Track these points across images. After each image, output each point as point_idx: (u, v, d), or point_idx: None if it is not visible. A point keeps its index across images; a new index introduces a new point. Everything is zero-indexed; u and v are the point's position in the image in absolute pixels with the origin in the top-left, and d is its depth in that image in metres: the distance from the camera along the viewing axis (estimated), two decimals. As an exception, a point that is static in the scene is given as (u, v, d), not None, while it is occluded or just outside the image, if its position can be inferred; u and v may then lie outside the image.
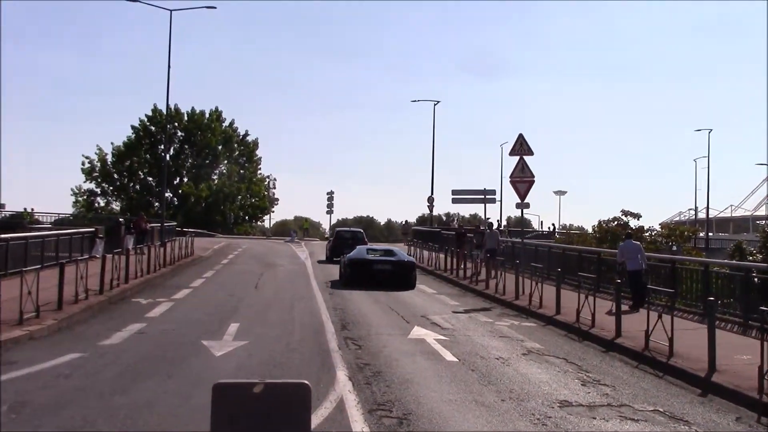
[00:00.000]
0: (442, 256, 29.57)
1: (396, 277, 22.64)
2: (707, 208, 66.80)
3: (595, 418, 7.81)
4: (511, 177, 22.19)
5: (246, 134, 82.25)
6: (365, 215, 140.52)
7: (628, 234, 19.59)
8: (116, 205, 76.59)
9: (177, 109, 76.63)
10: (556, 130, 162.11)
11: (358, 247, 25.75)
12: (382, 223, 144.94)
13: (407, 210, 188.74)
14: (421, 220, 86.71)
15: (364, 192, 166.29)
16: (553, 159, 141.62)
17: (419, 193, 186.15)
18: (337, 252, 29.60)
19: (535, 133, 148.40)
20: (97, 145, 76.09)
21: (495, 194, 39.85)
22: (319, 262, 33.31)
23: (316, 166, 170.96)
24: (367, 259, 23.18)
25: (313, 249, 41.91)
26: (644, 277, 18.13)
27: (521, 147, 22.16)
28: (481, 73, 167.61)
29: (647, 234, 37.27)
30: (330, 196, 60.96)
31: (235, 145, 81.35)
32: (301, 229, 70.35)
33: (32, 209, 51.23)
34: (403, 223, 66.66)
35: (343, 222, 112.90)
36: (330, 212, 60.87)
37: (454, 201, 40.66)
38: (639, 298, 17.38)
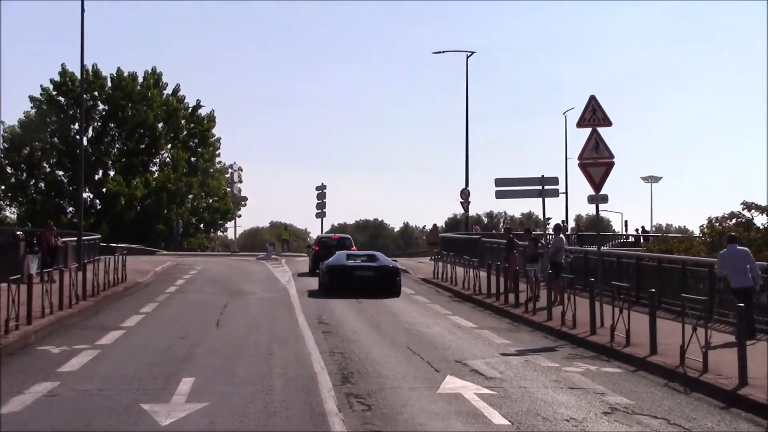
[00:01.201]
0: (483, 274, 29.55)
1: (378, 283, 28.88)
2: None
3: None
4: (580, 158, 22.00)
5: (198, 105, 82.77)
6: (372, 219, 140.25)
7: (732, 237, 19.49)
8: (11, 212, 76.99)
9: (97, 72, 76.96)
10: (643, 91, 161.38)
11: (337, 252, 31.95)
12: (396, 229, 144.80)
13: (432, 210, 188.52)
14: (453, 223, 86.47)
15: (370, 187, 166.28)
16: (640, 132, 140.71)
17: (449, 187, 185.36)
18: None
19: (613, 95, 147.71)
20: (-18, 126, 76.45)
21: (557, 183, 39.56)
22: (300, 275, 35.49)
23: (301, 153, 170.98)
24: (347, 265, 29.44)
25: (297, 268, 42.11)
26: (755, 297, 18.06)
27: (594, 115, 22.00)
28: (530, 11, 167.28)
29: (781, 236, 37.01)
30: (321, 192, 61.03)
31: (183, 122, 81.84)
32: (279, 240, 70.47)
33: None
34: (427, 228, 66.50)
35: (341, 228, 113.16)
36: (321, 215, 60.90)
37: (500, 195, 40.57)
38: (749, 325, 17.30)
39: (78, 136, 65.95)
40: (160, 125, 79.75)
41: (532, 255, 26.86)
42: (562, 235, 26.07)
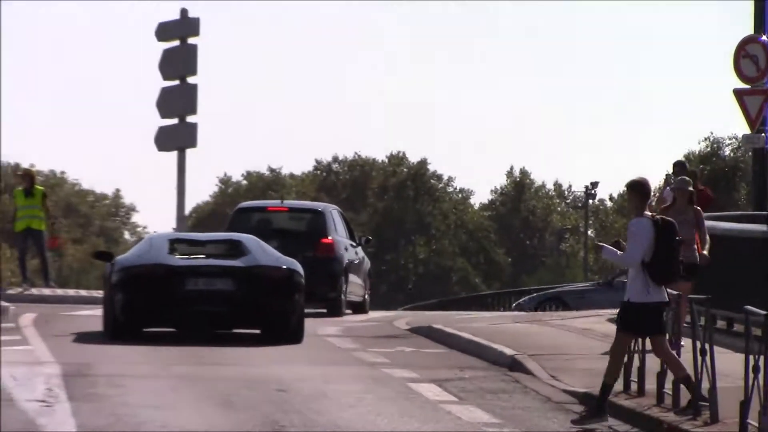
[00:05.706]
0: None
1: (245, 309, 14.77)
2: None
3: None
4: None
5: None
6: (353, 157, 75.46)
7: None
8: None
9: None
10: None
11: (149, 236, 18.23)
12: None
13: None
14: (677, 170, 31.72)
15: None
16: None
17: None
18: None
19: None
20: None
21: None
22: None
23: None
24: (168, 265, 14.92)
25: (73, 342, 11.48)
26: None
27: None
28: None
29: None
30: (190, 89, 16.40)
31: None
32: (14, 242, 28.46)
33: None
34: (657, 189, 26.81)
35: (248, 192, 68.20)
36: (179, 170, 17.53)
37: None
38: None
39: None
40: None
41: None
42: None
